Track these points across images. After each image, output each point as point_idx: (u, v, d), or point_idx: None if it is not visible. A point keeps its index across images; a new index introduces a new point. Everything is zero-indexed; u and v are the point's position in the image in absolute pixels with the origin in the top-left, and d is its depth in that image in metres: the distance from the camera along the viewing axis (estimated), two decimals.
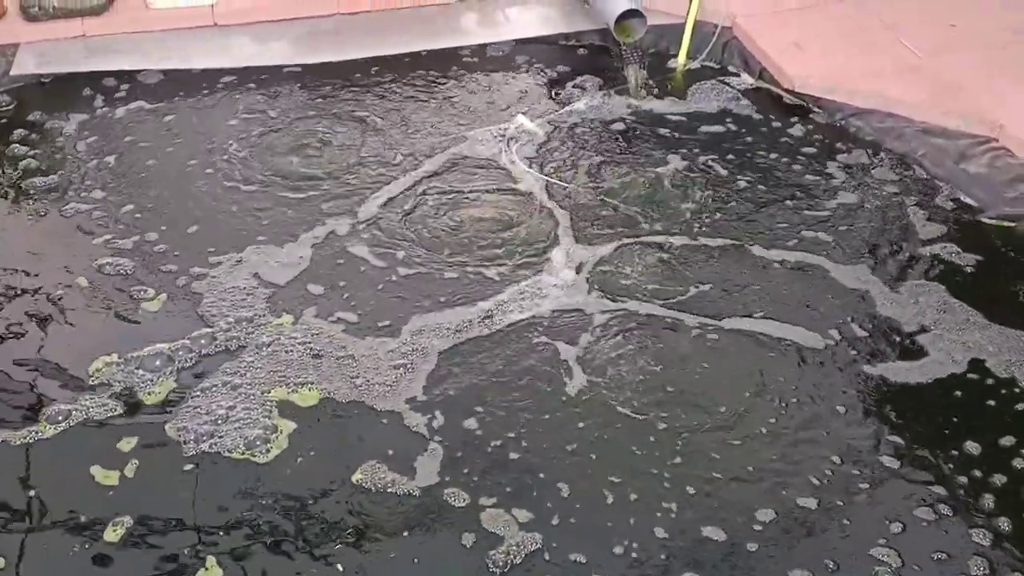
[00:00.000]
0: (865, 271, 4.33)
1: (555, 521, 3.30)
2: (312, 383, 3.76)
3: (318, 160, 5.01)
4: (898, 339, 4.00)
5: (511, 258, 4.39)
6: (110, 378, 3.77)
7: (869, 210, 4.70)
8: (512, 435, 3.59)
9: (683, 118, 5.38)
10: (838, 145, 5.13)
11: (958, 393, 3.78)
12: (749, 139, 5.20)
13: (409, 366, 3.84)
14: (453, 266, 4.34)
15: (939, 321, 4.06)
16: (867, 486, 3.41)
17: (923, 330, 4.03)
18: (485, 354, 3.92)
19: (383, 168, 4.95)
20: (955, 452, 3.55)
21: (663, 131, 5.27)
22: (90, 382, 3.77)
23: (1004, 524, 3.30)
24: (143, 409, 3.66)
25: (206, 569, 3.14)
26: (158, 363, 3.82)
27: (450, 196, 4.77)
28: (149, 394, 3.71)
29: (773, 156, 5.06)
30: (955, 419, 3.67)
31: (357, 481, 3.41)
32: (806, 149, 5.12)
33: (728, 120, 5.36)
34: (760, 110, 5.41)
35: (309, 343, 3.93)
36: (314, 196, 4.75)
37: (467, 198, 4.76)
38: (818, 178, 4.91)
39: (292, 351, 3.89)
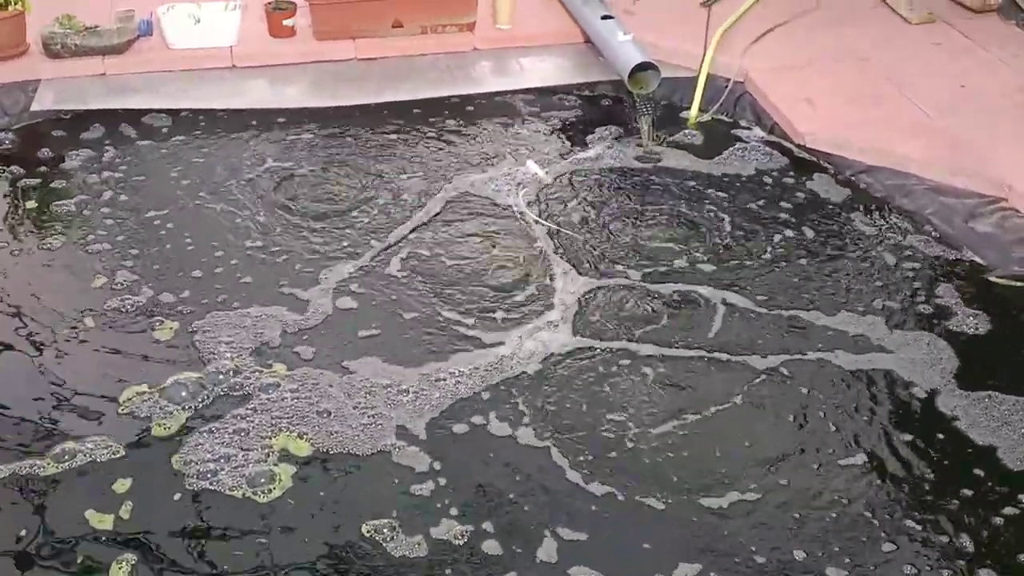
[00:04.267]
0: (872, 328, 4.31)
1: None
2: (315, 430, 3.72)
3: (329, 204, 5.05)
4: (908, 399, 3.98)
5: (514, 305, 4.39)
6: (133, 409, 3.80)
7: (877, 266, 4.70)
8: (532, 491, 3.54)
9: (693, 170, 5.41)
10: (847, 201, 5.15)
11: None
12: (757, 193, 5.22)
13: (414, 414, 3.81)
14: (456, 312, 4.34)
15: (949, 384, 4.03)
16: None
17: (934, 392, 3.98)
18: (489, 403, 3.89)
19: (393, 213, 4.99)
20: None
21: (672, 181, 5.30)
22: (120, 411, 3.80)
23: None
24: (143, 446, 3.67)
25: None
26: (184, 394, 3.84)
27: (456, 242, 4.79)
28: (152, 429, 3.71)
29: (781, 211, 5.08)
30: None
31: (364, 532, 3.36)
32: (815, 205, 5.13)
33: (737, 174, 5.39)
34: (770, 165, 5.44)
35: (311, 390, 3.90)
36: (325, 240, 4.78)
37: (474, 244, 4.78)
38: (826, 234, 4.92)
39: (293, 398, 3.86)
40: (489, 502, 3.49)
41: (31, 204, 4.98)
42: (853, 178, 5.29)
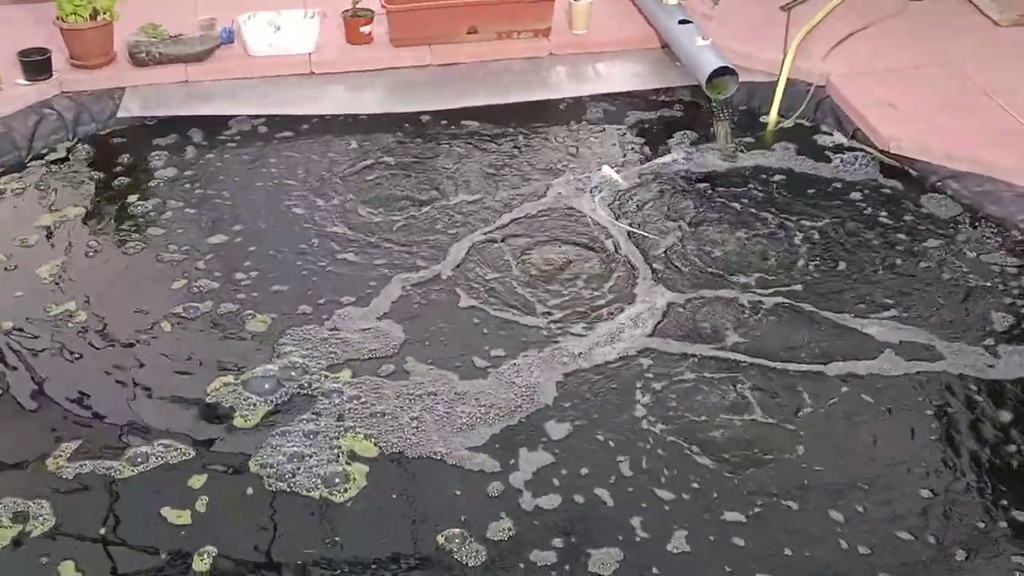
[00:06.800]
0: (965, 338, 4.19)
1: None
2: (388, 433, 3.74)
3: (406, 209, 5.07)
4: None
5: (591, 309, 4.36)
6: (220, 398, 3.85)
7: (967, 275, 4.55)
8: (604, 498, 3.51)
9: (773, 176, 5.32)
10: (934, 208, 5.01)
11: None
12: (839, 199, 5.11)
13: (487, 420, 3.80)
14: (531, 316, 4.32)
15: None
16: None
17: None
18: (568, 407, 3.87)
19: (469, 217, 4.99)
20: None
21: (752, 187, 5.21)
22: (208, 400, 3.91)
23: None
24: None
25: None
26: (265, 387, 3.92)
27: (532, 246, 4.78)
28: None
29: (866, 217, 4.96)
30: None
31: (437, 540, 3.35)
32: (901, 211, 5.01)
33: (818, 179, 5.28)
34: (853, 170, 5.32)
35: (384, 393, 3.92)
36: (401, 243, 4.80)
37: (549, 247, 4.76)
38: (914, 241, 4.79)
39: (368, 401, 3.88)
40: (560, 507, 3.47)
41: (116, 207, 5.09)
42: (939, 184, 5.15)
